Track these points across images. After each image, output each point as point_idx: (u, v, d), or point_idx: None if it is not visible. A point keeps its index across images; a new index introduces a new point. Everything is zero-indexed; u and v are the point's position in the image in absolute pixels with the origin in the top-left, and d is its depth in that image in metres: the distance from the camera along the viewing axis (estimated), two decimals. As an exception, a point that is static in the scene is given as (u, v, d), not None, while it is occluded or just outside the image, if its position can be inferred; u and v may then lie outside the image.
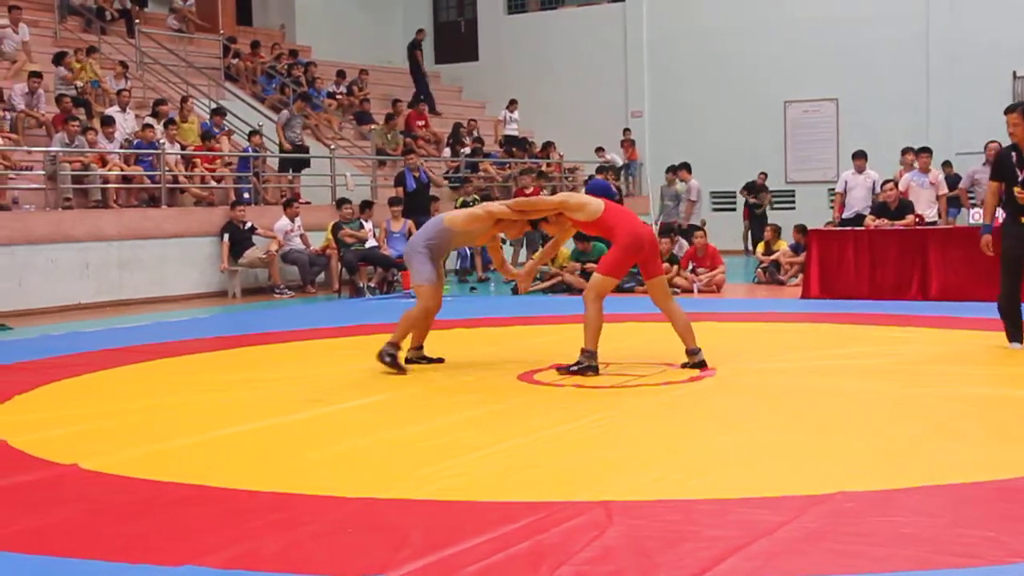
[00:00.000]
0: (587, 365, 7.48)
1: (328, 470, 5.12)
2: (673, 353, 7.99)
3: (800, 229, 15.19)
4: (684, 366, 7.76)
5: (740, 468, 5.02)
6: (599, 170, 18.19)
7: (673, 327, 7.88)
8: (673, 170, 18.53)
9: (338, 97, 22.16)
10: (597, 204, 7.72)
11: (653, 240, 7.89)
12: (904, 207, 13.23)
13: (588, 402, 6.68)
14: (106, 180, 14.85)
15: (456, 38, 27.17)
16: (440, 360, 8.22)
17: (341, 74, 22.88)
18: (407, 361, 8.13)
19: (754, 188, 21.42)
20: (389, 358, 7.82)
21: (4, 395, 7.26)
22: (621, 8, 24.62)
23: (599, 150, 23.30)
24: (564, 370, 7.55)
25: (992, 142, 14.18)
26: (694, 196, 17.90)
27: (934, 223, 13.44)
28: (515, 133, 23.39)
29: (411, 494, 4.60)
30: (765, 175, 21.86)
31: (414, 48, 24.54)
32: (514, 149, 22.56)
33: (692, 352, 7.79)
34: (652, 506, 4.37)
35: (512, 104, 23.59)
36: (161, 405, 6.93)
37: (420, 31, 25.06)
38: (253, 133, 17.26)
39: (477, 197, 18.16)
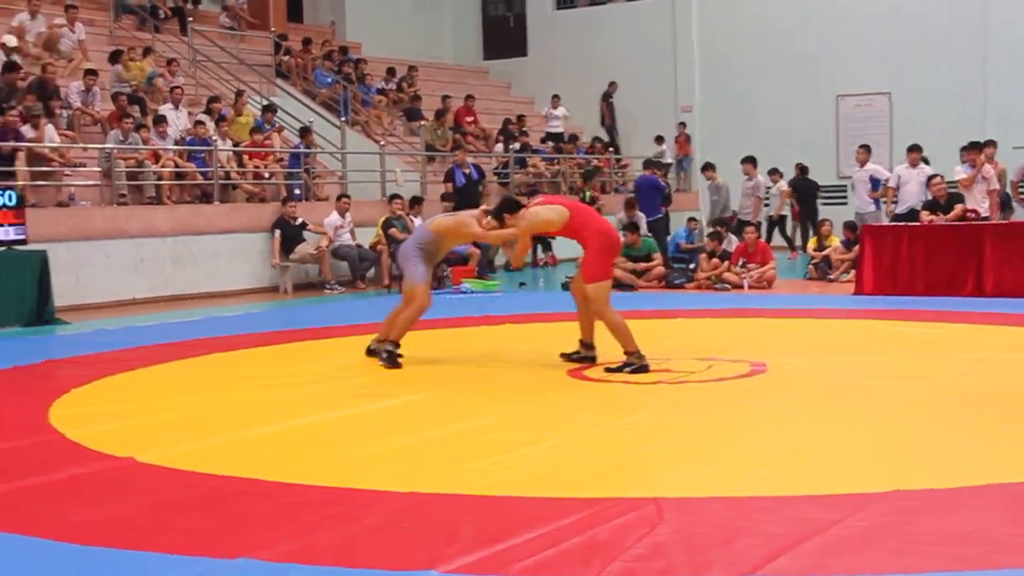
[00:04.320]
0: (638, 366, 7.46)
1: (380, 465, 5.15)
2: (719, 348, 7.95)
3: (850, 226, 15.05)
4: (567, 357, 7.95)
5: (793, 465, 4.98)
6: (646, 164, 18.12)
7: (579, 317, 8.01)
8: (710, 167, 18.61)
9: (388, 93, 22.24)
10: (561, 213, 7.76)
11: (619, 239, 8.11)
12: (954, 200, 13.07)
13: (638, 398, 6.67)
14: (160, 176, 15.02)
15: (505, 33, 27.18)
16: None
17: (391, 71, 22.96)
18: (368, 351, 8.36)
19: (797, 184, 20.95)
20: (387, 355, 8.05)
21: (61, 389, 7.36)
22: (670, 2, 24.49)
23: (658, 139, 23.24)
24: (615, 372, 7.53)
25: None
26: (762, 192, 17.77)
27: (987, 219, 13.26)
28: (559, 129, 23.34)
29: (462, 489, 4.62)
30: (805, 168, 21.03)
31: (605, 99, 24.37)
32: (561, 145, 22.54)
33: (587, 346, 7.98)
34: (704, 503, 4.36)
35: (555, 100, 23.54)
36: (215, 399, 7.00)
37: (612, 84, 24.43)
38: (304, 130, 17.37)
39: (597, 195, 18.53)
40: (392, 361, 8.02)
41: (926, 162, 15.92)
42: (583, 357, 7.98)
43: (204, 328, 10.89)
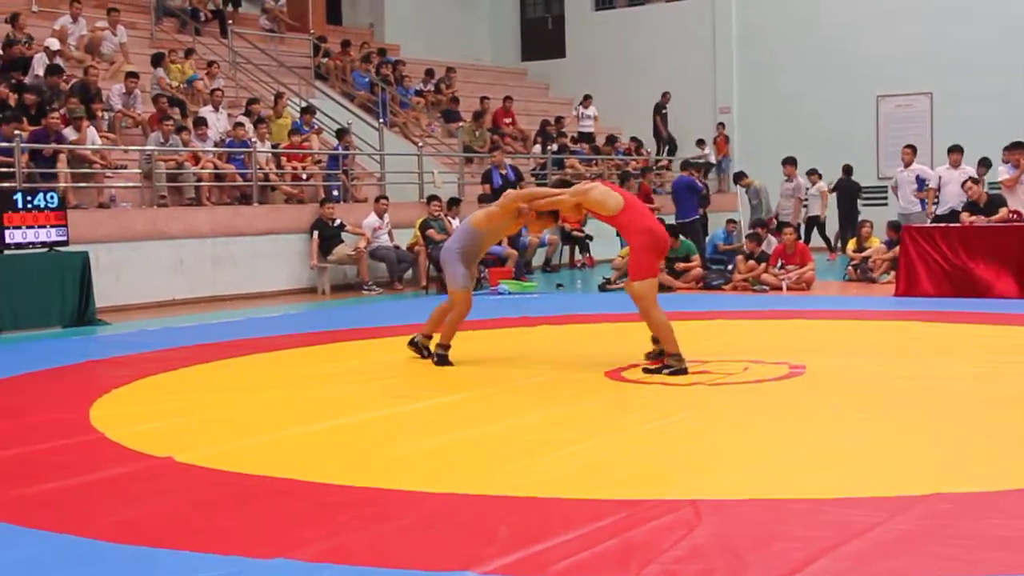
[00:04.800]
0: (677, 368, 7.42)
1: (416, 466, 5.16)
2: (757, 350, 7.90)
3: (893, 226, 14.92)
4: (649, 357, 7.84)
5: (832, 467, 4.94)
6: (683, 165, 18.06)
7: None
8: (743, 176, 18.89)
9: (426, 95, 22.29)
10: (617, 200, 7.69)
11: (667, 239, 7.94)
12: (995, 202, 12.92)
13: (676, 400, 6.64)
14: (199, 178, 15.14)
15: (543, 34, 27.17)
16: (430, 356, 8.35)
17: (429, 72, 23.02)
18: (410, 343, 8.52)
19: (841, 186, 20.77)
20: (438, 358, 8.18)
21: (102, 389, 7.43)
22: (709, 3, 24.40)
23: (700, 143, 23.16)
24: (652, 373, 7.49)
25: None
26: (802, 193, 17.72)
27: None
28: (590, 129, 23.28)
29: (499, 490, 4.61)
30: (850, 168, 20.93)
31: (657, 111, 24.22)
32: (599, 146, 22.49)
33: (656, 340, 7.85)
34: (741, 505, 4.33)
35: (586, 99, 23.48)
36: (253, 399, 7.04)
37: (665, 94, 24.07)
38: (342, 132, 17.45)
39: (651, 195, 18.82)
40: (444, 361, 8.16)
41: (987, 164, 15.79)
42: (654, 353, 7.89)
43: (243, 329, 10.95)
